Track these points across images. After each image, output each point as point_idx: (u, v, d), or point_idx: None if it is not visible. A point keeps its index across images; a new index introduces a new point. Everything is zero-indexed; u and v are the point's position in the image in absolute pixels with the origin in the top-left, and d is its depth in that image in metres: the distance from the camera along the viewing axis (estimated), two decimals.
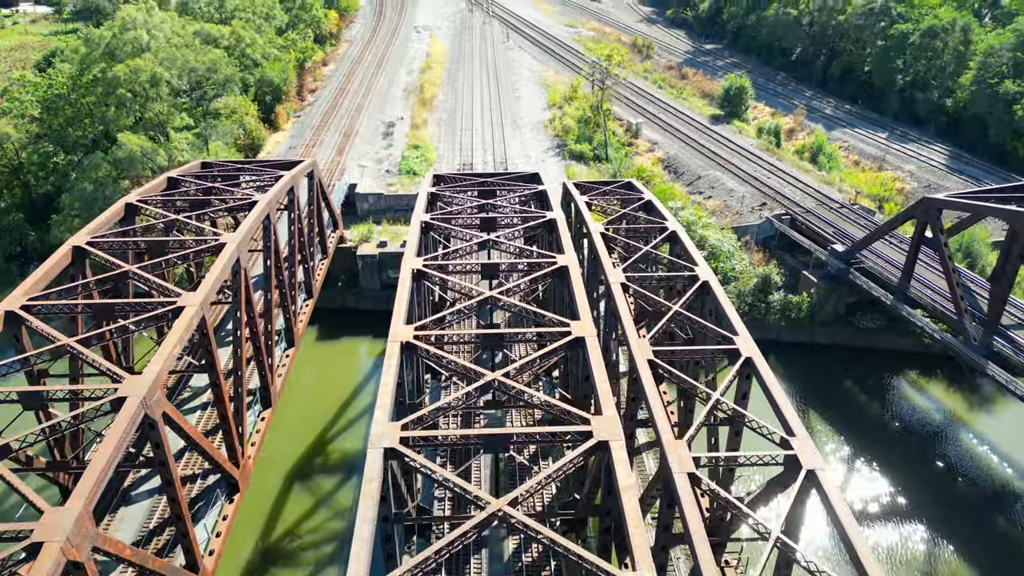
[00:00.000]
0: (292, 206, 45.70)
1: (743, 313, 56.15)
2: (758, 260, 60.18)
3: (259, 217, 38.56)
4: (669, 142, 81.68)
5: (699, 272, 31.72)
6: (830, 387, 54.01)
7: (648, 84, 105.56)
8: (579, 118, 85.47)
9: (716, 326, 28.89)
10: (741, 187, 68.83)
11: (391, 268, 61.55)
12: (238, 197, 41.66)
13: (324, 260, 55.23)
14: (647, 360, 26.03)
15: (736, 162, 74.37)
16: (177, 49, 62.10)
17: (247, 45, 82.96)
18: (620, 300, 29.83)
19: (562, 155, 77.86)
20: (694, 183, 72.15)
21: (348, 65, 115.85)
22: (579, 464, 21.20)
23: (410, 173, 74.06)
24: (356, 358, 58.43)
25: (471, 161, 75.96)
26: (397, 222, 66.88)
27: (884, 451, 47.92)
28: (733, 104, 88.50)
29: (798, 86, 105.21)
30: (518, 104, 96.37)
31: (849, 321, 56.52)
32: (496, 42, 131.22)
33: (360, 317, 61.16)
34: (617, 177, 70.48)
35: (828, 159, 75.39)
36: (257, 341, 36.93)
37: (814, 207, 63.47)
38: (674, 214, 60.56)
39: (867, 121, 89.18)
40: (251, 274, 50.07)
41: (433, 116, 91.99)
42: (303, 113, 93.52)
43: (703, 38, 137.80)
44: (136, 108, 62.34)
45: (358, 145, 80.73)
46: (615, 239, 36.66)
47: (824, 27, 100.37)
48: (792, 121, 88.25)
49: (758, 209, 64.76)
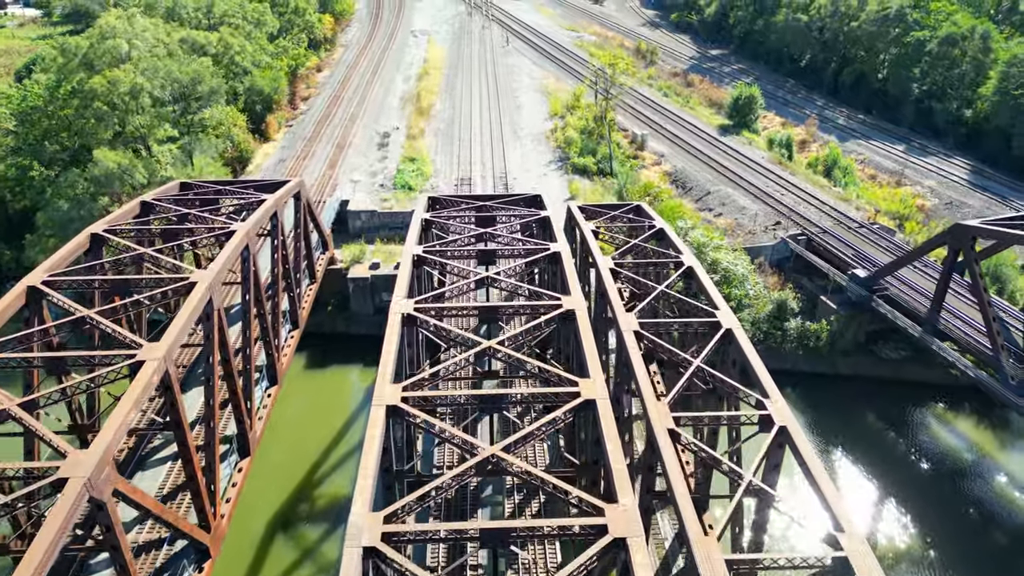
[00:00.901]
0: (275, 232, 42.84)
1: (757, 341, 53.30)
2: (773, 284, 57.27)
3: (236, 249, 35.68)
4: (676, 154, 78.78)
5: (721, 318, 28.79)
6: (851, 421, 51.06)
7: (653, 92, 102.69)
8: (582, 129, 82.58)
9: (740, 382, 26.03)
10: (753, 204, 65.91)
11: (384, 291, 58.62)
12: (216, 225, 38.75)
13: (312, 285, 52.29)
14: (667, 429, 23.11)
15: (747, 176, 71.47)
16: (159, 59, 59.16)
17: (236, 53, 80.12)
18: (634, 353, 26.88)
19: (565, 169, 74.94)
20: (703, 199, 69.25)
21: (343, 71, 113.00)
22: None
23: (405, 188, 71.15)
24: (346, 388, 55.50)
25: (469, 175, 73.08)
26: (391, 240, 63.95)
27: (910, 491, 45.00)
28: (742, 114, 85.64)
29: (809, 94, 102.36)
30: (518, 113, 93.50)
31: (870, 350, 53.59)
32: (495, 47, 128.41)
33: (351, 343, 58.15)
34: (623, 192, 67.67)
35: (843, 173, 72.53)
36: (233, 384, 34.00)
37: (831, 227, 60.55)
38: (684, 235, 57.77)
39: (882, 132, 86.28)
40: (232, 301, 47.84)
41: (430, 126, 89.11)
42: (295, 122, 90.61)
43: (708, 43, 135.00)
44: (115, 121, 59.41)
45: (351, 158, 77.82)
46: (625, 275, 33.72)
47: (836, 33, 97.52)
48: (804, 132, 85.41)
49: (772, 228, 61.84)
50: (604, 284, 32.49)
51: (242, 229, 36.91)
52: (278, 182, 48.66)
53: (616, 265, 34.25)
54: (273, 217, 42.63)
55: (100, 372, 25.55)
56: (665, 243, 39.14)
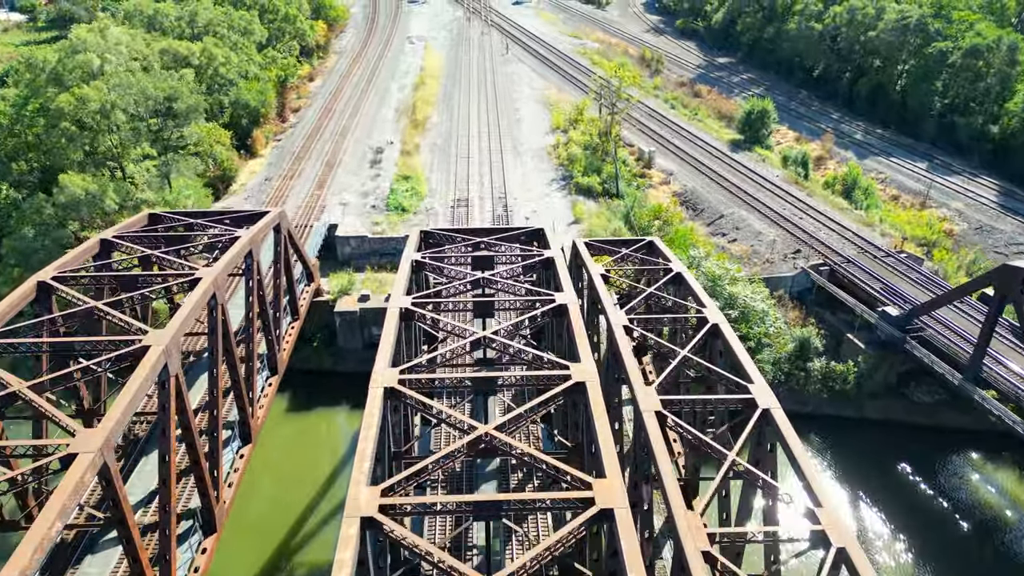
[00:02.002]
0: (250, 272, 39.04)
1: (778, 383, 49.54)
2: (794, 319, 53.46)
3: (200, 300, 31.83)
4: (686, 173, 74.99)
5: (756, 394, 24.95)
6: (880, 470, 47.19)
7: (659, 103, 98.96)
8: (585, 144, 78.83)
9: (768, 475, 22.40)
10: (770, 229, 62.08)
11: (374, 325, 54.81)
12: (180, 271, 34.90)
13: (295, 323, 48.48)
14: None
15: (762, 198, 67.66)
16: (133, 75, 55.34)
17: (220, 64, 76.36)
18: (657, 440, 23.04)
19: (568, 189, 71.13)
20: (716, 223, 65.44)
21: (336, 80, 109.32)
22: None
23: (398, 209, 67.34)
24: (333, 430, 51.69)
25: (466, 196, 69.29)
26: (382, 268, 60.16)
27: (945, 548, 41.20)
28: (754, 129, 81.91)
29: (823, 106, 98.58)
30: (519, 127, 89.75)
31: (902, 393, 49.77)
32: (495, 54, 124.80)
33: (338, 380, 54.32)
34: (630, 216, 63.83)
35: (864, 194, 68.74)
36: (196, 455, 30.16)
37: (855, 256, 56.73)
38: (697, 265, 54.00)
39: (903, 148, 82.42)
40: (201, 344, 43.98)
41: (426, 140, 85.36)
42: (284, 136, 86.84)
43: (715, 50, 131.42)
44: (85, 142, 55.62)
45: (341, 176, 74.00)
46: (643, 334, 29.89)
47: (852, 42, 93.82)
48: (820, 148, 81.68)
49: (791, 257, 58.01)
50: (617, 345, 28.65)
51: (208, 276, 33.12)
52: (256, 213, 45.08)
53: (630, 319, 30.41)
54: (248, 256, 38.92)
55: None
56: (683, 289, 35.45)
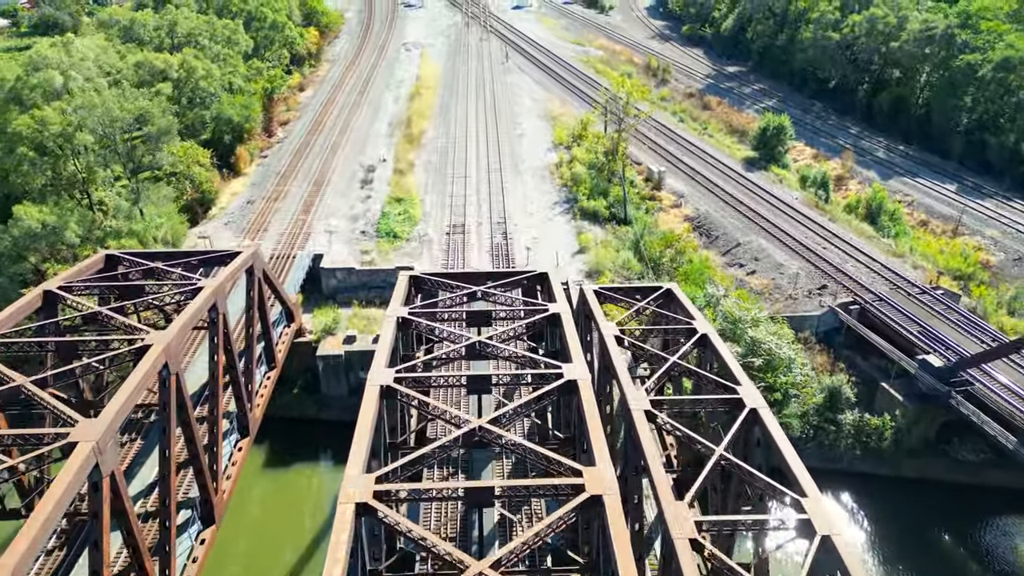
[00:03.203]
0: (215, 328, 34.78)
1: (805, 439, 45.33)
2: (821, 364, 49.16)
3: (148, 373, 27.52)
4: (698, 195, 70.74)
5: (811, 512, 20.69)
6: (919, 535, 42.90)
7: (667, 116, 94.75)
8: (590, 163, 74.59)
9: None
10: (792, 260, 57.81)
11: (361, 368, 50.49)
12: (130, 332, 30.55)
13: (271, 373, 44.21)
14: None
15: (782, 224, 63.38)
16: (99, 94, 51.10)
17: (201, 78, 72.15)
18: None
19: (572, 212, 66.88)
20: (733, 252, 61.18)
21: (328, 90, 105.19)
22: None
23: (390, 236, 63.09)
24: (316, 488, 47.39)
25: (463, 221, 65.03)
26: (371, 303, 55.88)
27: None
28: (769, 146, 77.69)
29: (840, 120, 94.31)
30: (519, 143, 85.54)
31: (943, 449, 45.44)
32: (494, 63, 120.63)
33: (321, 430, 50.12)
34: (640, 245, 59.54)
35: (891, 220, 64.47)
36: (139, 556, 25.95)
37: (887, 293, 52.45)
38: (716, 303, 49.80)
39: (930, 168, 78.07)
40: None
41: (421, 157, 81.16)
42: (271, 152, 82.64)
43: (724, 58, 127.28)
44: (46, 167, 51.40)
45: (329, 198, 69.75)
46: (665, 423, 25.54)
47: (871, 53, 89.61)
48: (840, 166, 77.48)
49: (816, 293, 53.74)
50: (639, 440, 24.33)
51: (160, 343, 28.83)
52: (225, 254, 40.95)
53: (653, 403, 26.07)
54: (213, 309, 34.67)
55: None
56: (709, 352, 31.15)
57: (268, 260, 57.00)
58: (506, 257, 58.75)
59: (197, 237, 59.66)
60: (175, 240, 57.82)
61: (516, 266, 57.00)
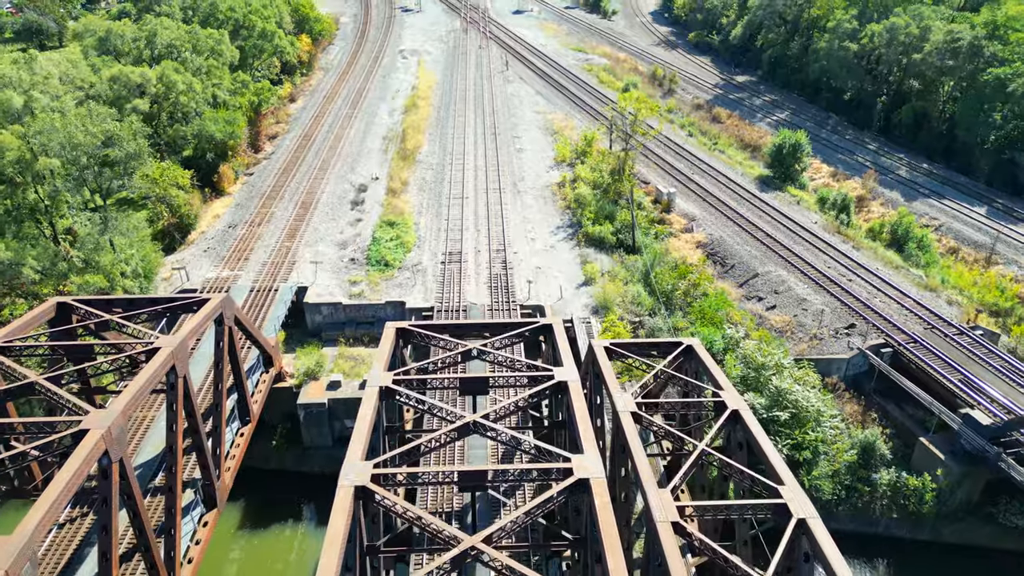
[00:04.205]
0: (174, 392, 30.84)
1: (836, 501, 41.30)
2: (851, 414, 45.18)
3: (85, 463, 23.57)
4: (710, 219, 66.77)
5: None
6: None
7: (675, 130, 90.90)
8: (595, 183, 70.69)
9: None
10: (816, 295, 53.82)
11: (346, 417, 46.60)
12: (67, 407, 26.55)
13: (245, 429, 40.25)
14: None
15: (802, 252, 59.42)
16: (61, 116, 47.14)
17: (180, 93, 68.28)
18: None
19: (576, 239, 62.91)
20: (750, 283, 57.21)
21: (319, 101, 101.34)
22: None
23: (381, 264, 59.18)
24: (298, 549, 43.28)
25: (460, 248, 61.05)
26: (358, 341, 52.07)
27: None
28: (785, 165, 73.76)
29: (858, 135, 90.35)
30: (520, 159, 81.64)
31: (988, 513, 41.39)
32: (493, 73, 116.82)
33: (303, 484, 46.13)
34: (650, 276, 55.55)
35: (920, 248, 60.51)
36: None
37: (921, 333, 48.44)
38: (734, 346, 45.78)
39: (957, 189, 74.05)
40: None
41: (415, 175, 77.26)
42: (257, 169, 78.73)
43: (733, 67, 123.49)
44: (3, 196, 47.50)
45: (317, 222, 65.83)
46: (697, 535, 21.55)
47: (891, 65, 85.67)
48: (860, 186, 73.58)
49: (844, 333, 49.73)
50: (663, 553, 20.36)
51: (98, 426, 24.86)
52: (193, 301, 36.99)
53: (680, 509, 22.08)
54: (172, 372, 30.69)
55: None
56: (739, 427, 27.21)
57: (249, 293, 53.21)
58: (505, 289, 54.80)
59: (172, 268, 55.71)
60: (148, 272, 53.89)
61: (516, 300, 53.10)
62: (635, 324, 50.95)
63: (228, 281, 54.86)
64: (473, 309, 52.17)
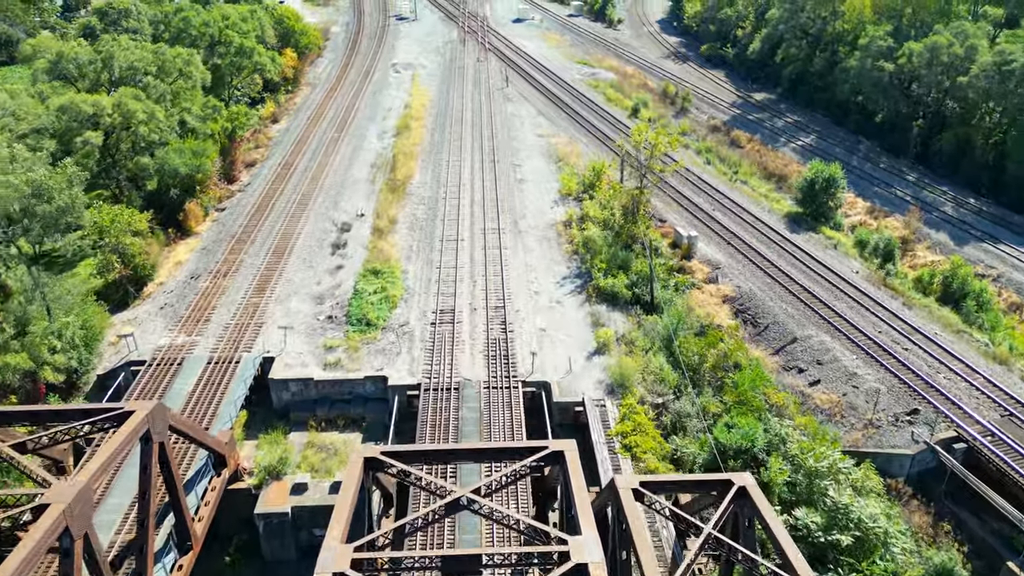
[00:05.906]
0: (70, 559, 23.86)
1: None
2: (919, 526, 38.17)
3: None
4: (737, 267, 59.83)
5: None
6: None
7: (690, 155, 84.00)
8: (605, 222, 63.83)
9: None
10: (867, 368, 46.84)
11: (313, 526, 39.50)
12: None
13: (185, 559, 33.22)
14: None
15: (845, 311, 52.48)
16: None
17: (140, 123, 61.46)
18: None
19: (586, 293, 55.93)
20: (786, 349, 50.23)
21: (303, 123, 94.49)
22: None
23: (362, 324, 52.28)
24: None
25: (453, 304, 54.14)
26: (331, 424, 45.25)
27: None
28: (818, 202, 66.87)
29: (893, 163, 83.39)
30: (521, 191, 74.77)
31: None
32: (493, 89, 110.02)
33: None
34: (672, 341, 48.43)
35: (978, 304, 53.59)
36: None
37: (998, 422, 41.47)
38: (781, 441, 38.91)
39: (1012, 230, 66.97)
40: None
41: (405, 211, 70.40)
42: (230, 204, 71.87)
43: (750, 82, 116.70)
44: None
45: (291, 270, 58.92)
46: None
47: (930, 87, 78.85)
48: (903, 226, 66.68)
49: (906, 420, 42.72)
50: None
51: None
52: (117, 412, 29.88)
53: None
54: (65, 534, 23.69)
55: None
56: None
57: (206, 366, 46.18)
58: (505, 360, 47.81)
59: (116, 336, 48.73)
60: (90, 340, 47.00)
61: (518, 376, 46.12)
62: (658, 408, 43.95)
63: (183, 350, 47.90)
64: (467, 387, 45.21)
